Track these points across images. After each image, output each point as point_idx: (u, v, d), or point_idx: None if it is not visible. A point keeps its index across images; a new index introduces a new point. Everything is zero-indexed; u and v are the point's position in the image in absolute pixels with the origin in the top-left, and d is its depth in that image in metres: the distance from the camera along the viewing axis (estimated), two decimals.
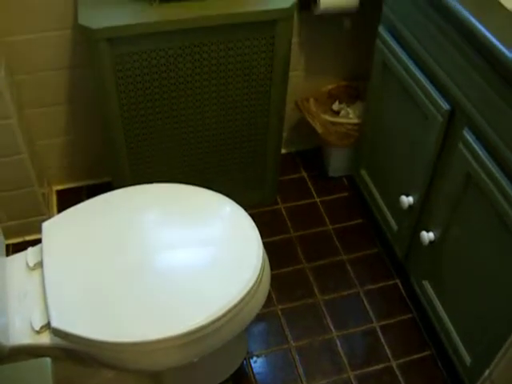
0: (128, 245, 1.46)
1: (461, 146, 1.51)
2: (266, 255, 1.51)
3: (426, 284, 1.81)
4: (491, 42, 1.30)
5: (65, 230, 1.49)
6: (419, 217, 1.81)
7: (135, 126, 1.86)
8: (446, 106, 1.56)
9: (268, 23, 1.75)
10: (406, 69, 1.70)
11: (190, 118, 1.90)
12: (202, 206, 1.57)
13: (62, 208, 2.12)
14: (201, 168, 2.06)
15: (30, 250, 1.50)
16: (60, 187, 2.32)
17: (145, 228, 1.51)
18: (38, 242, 1.49)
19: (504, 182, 1.36)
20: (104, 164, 2.23)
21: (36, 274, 1.45)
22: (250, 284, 1.39)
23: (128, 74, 1.73)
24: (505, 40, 1.29)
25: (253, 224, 1.53)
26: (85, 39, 1.68)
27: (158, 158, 1.98)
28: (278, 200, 2.31)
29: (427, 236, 1.72)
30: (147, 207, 1.56)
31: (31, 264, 1.46)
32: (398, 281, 2.07)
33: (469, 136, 1.48)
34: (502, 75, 1.30)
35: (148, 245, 1.46)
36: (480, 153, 1.44)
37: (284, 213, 2.26)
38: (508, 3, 1.43)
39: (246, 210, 1.56)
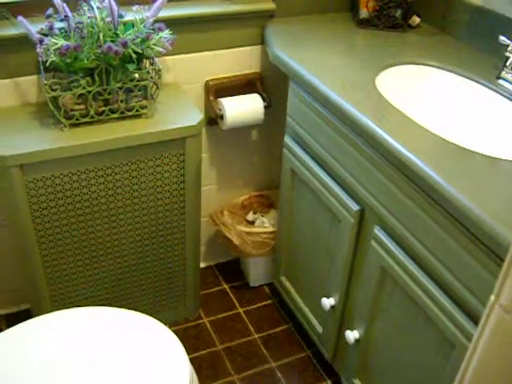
0: (47, 376, 1.42)
1: (373, 243, 1.57)
2: (193, 371, 1.49)
3: (357, 382, 1.81)
4: (390, 144, 1.38)
5: None
6: (342, 317, 1.84)
7: (52, 250, 1.84)
8: (355, 207, 1.62)
9: (177, 141, 1.80)
10: (314, 174, 1.77)
11: (107, 239, 1.90)
12: (124, 328, 1.54)
13: None
14: (121, 287, 2.04)
15: None
16: None
17: (65, 357, 1.46)
18: None
19: (417, 272, 1.42)
20: (22, 291, 2.17)
21: None
22: None
23: (42, 199, 1.73)
24: (402, 140, 1.38)
25: (177, 342, 1.51)
26: None
27: (78, 281, 1.95)
28: (202, 314, 2.30)
29: (352, 335, 1.74)
30: (67, 334, 1.52)
31: None
32: (329, 382, 2.06)
33: (380, 233, 1.54)
34: (404, 173, 1.38)
35: (70, 374, 1.42)
36: (392, 248, 1.49)
37: (208, 326, 2.25)
38: (400, 105, 1.54)
39: (169, 326, 1.55)
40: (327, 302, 1.84)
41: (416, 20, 2.00)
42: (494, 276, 1.20)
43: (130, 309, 1.62)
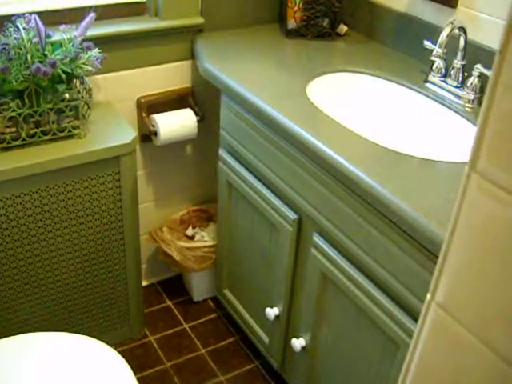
0: None
1: (313, 250, 1.58)
2: None
3: None
4: (323, 152, 1.40)
5: None
6: (287, 325, 1.85)
7: None
8: (292, 216, 1.64)
9: (111, 160, 1.79)
10: (250, 186, 1.78)
11: (46, 263, 1.86)
12: (68, 352, 1.52)
13: None
14: (64, 311, 2.00)
15: None
16: None
17: None
18: None
19: (357, 275, 1.44)
20: None
21: None
22: None
23: None
24: (334, 147, 1.40)
25: (124, 363, 1.49)
26: None
27: (19, 307, 1.91)
28: (147, 333, 2.27)
29: (298, 343, 1.75)
30: (10, 362, 1.49)
31: None
32: None
33: (318, 240, 1.56)
34: (338, 179, 1.40)
35: None
36: (331, 253, 1.51)
37: (155, 345, 2.23)
38: (331, 113, 1.56)
39: (115, 347, 1.54)
40: (271, 312, 1.85)
41: (343, 28, 2.04)
42: (432, 274, 1.22)
43: (74, 332, 1.60)
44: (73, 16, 1.81)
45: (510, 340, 0.62)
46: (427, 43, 1.72)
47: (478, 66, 1.59)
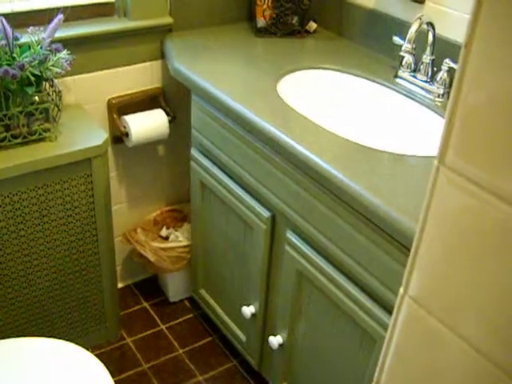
0: None
1: (287, 247, 1.59)
2: None
3: None
4: (294, 148, 1.41)
5: None
6: (264, 323, 1.85)
7: None
8: (266, 214, 1.64)
9: (83, 162, 1.78)
10: (223, 184, 1.78)
11: (20, 267, 1.85)
12: (44, 357, 1.51)
13: None
14: (39, 315, 1.98)
15: None
16: None
17: None
18: None
19: (332, 271, 1.45)
20: None
21: None
22: None
23: None
24: (305, 144, 1.40)
25: (101, 366, 1.49)
26: None
27: None
28: (124, 335, 2.26)
29: (275, 340, 1.75)
30: None
31: None
32: None
33: (292, 237, 1.56)
34: (310, 176, 1.41)
35: None
36: (305, 250, 1.52)
37: (132, 346, 2.22)
38: (302, 110, 1.57)
39: (92, 351, 1.53)
40: (248, 311, 1.85)
41: (313, 26, 2.05)
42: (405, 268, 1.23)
43: (49, 336, 1.59)
44: (41, 18, 1.79)
45: (482, 331, 0.63)
46: (396, 39, 1.73)
47: (447, 60, 1.61)
